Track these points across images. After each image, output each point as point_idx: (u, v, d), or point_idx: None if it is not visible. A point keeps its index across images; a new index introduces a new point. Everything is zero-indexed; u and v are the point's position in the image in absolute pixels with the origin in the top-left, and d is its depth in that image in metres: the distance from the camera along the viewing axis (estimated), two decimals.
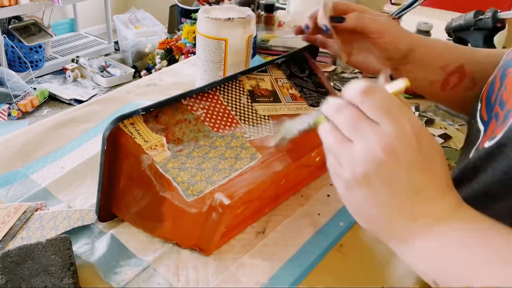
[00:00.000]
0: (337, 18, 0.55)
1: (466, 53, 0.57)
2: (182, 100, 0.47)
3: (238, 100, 0.51)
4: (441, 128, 0.76)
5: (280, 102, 0.54)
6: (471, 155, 0.45)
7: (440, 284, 0.32)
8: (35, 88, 2.52)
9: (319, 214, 0.53)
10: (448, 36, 0.93)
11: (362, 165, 0.32)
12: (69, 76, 2.73)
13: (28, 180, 0.57)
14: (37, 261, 0.42)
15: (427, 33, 1.03)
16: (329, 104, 0.35)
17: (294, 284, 0.44)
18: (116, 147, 0.44)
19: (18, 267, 0.41)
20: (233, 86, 0.52)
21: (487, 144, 0.41)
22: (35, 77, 2.67)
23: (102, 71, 2.75)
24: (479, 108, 0.48)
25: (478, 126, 0.47)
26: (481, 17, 0.86)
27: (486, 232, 0.32)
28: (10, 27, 2.57)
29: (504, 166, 0.37)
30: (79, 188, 0.55)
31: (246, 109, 0.51)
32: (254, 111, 0.51)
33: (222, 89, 0.51)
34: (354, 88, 0.34)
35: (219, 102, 0.50)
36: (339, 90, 0.87)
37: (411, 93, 0.88)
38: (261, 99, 0.53)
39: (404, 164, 0.32)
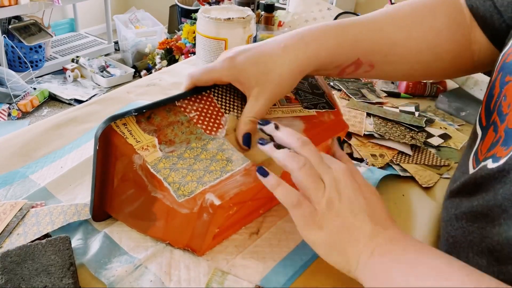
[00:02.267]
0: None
1: (364, 43, 0.51)
2: (176, 101, 0.48)
3: (232, 103, 0.51)
4: (441, 128, 0.76)
5: (275, 104, 0.54)
6: (471, 171, 0.45)
7: None
8: (35, 88, 2.53)
9: None
10: None
11: (334, 192, 0.40)
12: (69, 76, 2.74)
13: (28, 180, 0.57)
14: (37, 261, 0.42)
15: None
16: (293, 139, 0.43)
17: (286, 284, 0.44)
18: (109, 147, 0.44)
19: (18, 267, 0.41)
20: (228, 89, 0.52)
21: (490, 165, 0.40)
22: (35, 77, 2.68)
23: (102, 71, 2.75)
24: (479, 110, 0.48)
25: (476, 130, 0.47)
26: None
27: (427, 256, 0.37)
28: (10, 27, 2.58)
29: (506, 192, 0.37)
30: (78, 188, 0.56)
31: (240, 112, 0.51)
32: None
33: (216, 91, 0.51)
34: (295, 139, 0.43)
35: (213, 104, 0.50)
36: (339, 90, 0.86)
37: (411, 93, 0.88)
38: None
39: (366, 191, 0.41)
